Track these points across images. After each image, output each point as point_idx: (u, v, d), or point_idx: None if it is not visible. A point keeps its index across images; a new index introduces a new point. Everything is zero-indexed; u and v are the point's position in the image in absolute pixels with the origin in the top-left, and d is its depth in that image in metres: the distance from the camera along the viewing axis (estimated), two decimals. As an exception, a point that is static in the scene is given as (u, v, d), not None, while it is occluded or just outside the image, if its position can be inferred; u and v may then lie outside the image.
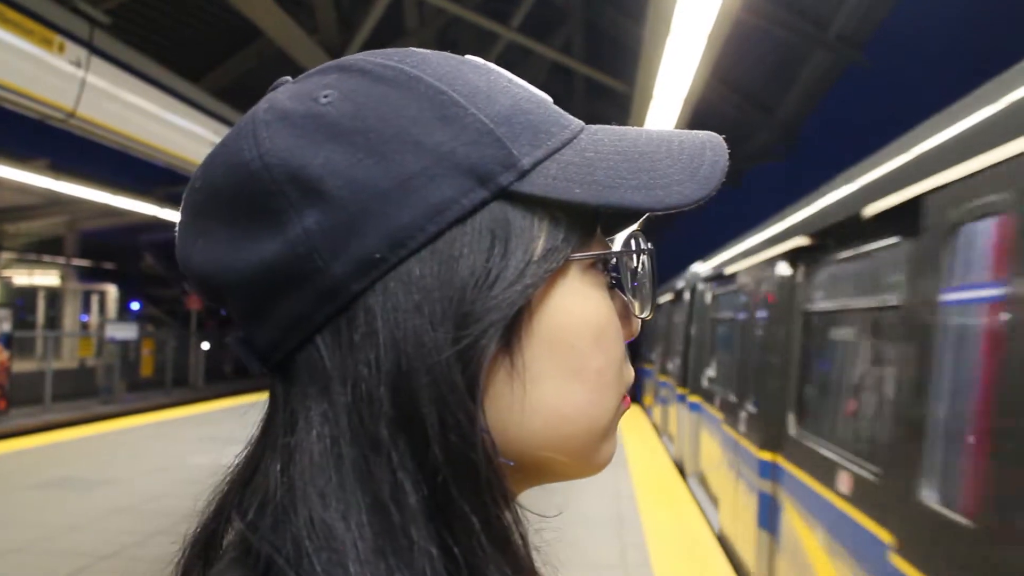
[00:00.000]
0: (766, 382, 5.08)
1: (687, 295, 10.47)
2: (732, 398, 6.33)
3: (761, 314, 5.46)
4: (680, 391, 10.14)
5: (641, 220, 0.57)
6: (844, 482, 3.50)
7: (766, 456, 4.86)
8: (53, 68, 7.03)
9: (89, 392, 16.58)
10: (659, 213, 0.49)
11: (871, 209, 3.40)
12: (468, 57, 0.53)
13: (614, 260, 0.54)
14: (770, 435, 4.85)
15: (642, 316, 0.55)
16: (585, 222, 0.50)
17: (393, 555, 0.41)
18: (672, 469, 9.65)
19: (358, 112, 0.46)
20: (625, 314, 0.54)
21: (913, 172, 3.04)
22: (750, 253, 6.26)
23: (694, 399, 8.85)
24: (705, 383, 8.35)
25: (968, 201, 2.54)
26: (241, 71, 11.26)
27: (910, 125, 3.37)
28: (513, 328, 0.46)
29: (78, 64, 7.27)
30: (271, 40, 8.91)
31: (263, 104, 0.49)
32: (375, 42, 9.47)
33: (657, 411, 14.46)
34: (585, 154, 0.49)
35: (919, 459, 2.68)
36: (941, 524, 2.51)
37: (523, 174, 0.46)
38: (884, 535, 2.91)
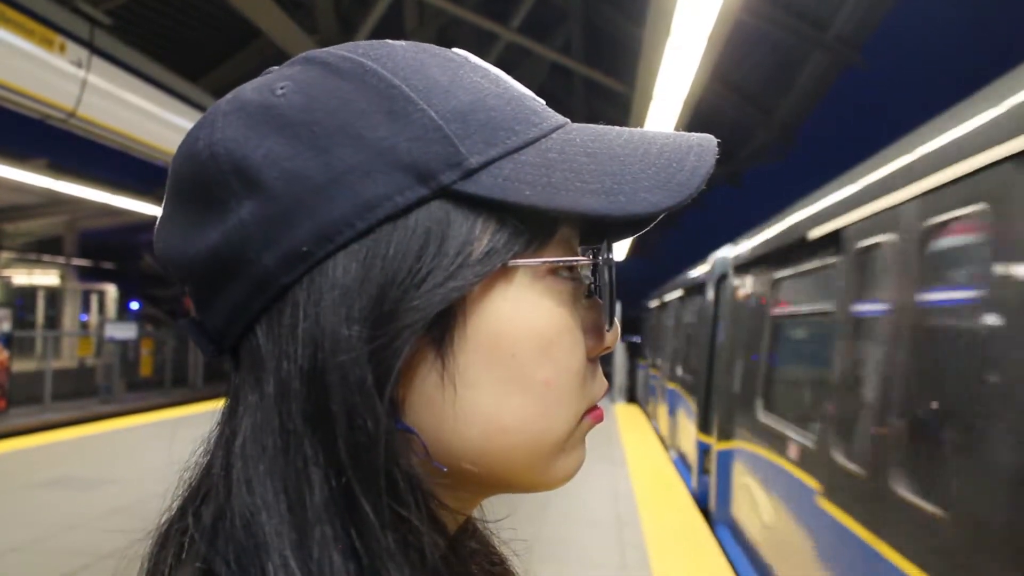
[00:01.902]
0: None
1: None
2: None
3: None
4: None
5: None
6: None
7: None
8: (54, 68, 7.03)
9: (88, 392, 16.56)
10: (619, 221, 0.46)
11: None
12: (454, 50, 0.52)
13: (591, 270, 0.52)
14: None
15: (606, 328, 0.52)
16: (541, 227, 0.47)
17: (305, 551, 0.41)
18: (671, 468, 9.65)
19: (308, 104, 0.45)
20: (598, 324, 0.52)
21: None
22: None
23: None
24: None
25: None
26: (241, 71, 11.28)
27: (908, 126, 3.37)
28: (446, 330, 0.45)
29: (79, 64, 7.28)
30: (271, 40, 8.92)
31: (230, 95, 0.49)
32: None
33: None
34: (548, 155, 0.47)
35: None
36: None
37: (469, 173, 0.45)
38: None
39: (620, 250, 25.94)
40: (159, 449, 9.93)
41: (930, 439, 2.72)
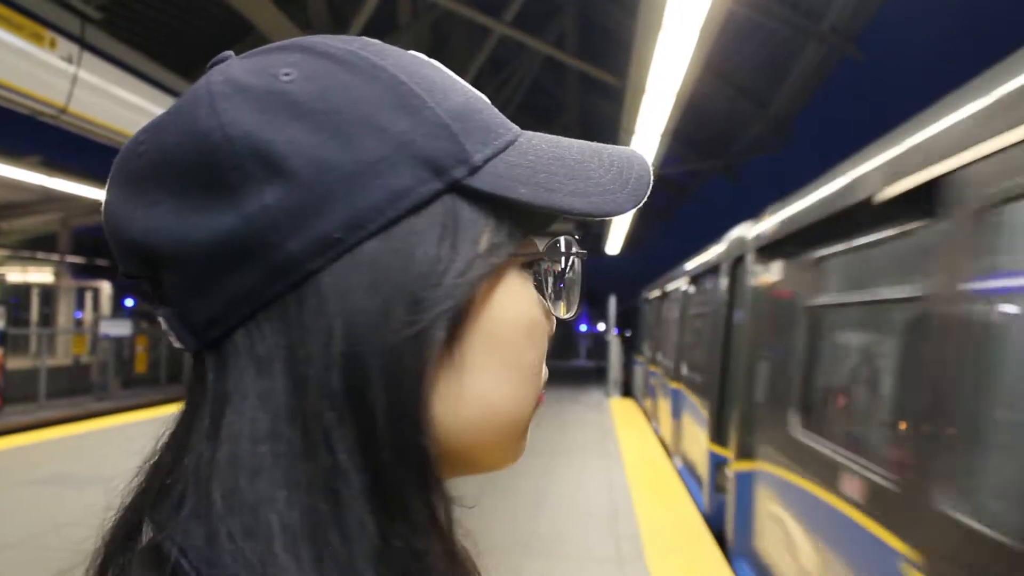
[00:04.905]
0: None
1: None
2: None
3: None
4: None
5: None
6: None
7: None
8: (45, 64, 7.00)
9: (83, 389, 16.54)
10: (595, 219, 0.52)
11: None
12: (417, 54, 0.54)
13: (543, 262, 0.57)
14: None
15: (566, 317, 0.58)
16: (522, 222, 0.51)
17: (326, 537, 0.42)
18: (665, 460, 9.66)
19: (322, 93, 0.46)
20: (548, 314, 0.57)
21: None
22: None
23: None
24: None
25: None
26: (234, 66, 11.22)
27: (903, 117, 3.35)
28: (456, 319, 0.47)
29: (70, 60, 7.24)
30: (263, 35, 8.88)
31: (217, 76, 0.48)
32: (368, 36, 9.44)
33: None
34: (527, 157, 0.51)
35: None
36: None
37: (474, 170, 0.48)
38: None
39: (614, 246, 24.63)
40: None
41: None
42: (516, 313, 0.51)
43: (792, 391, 4.21)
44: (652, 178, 0.55)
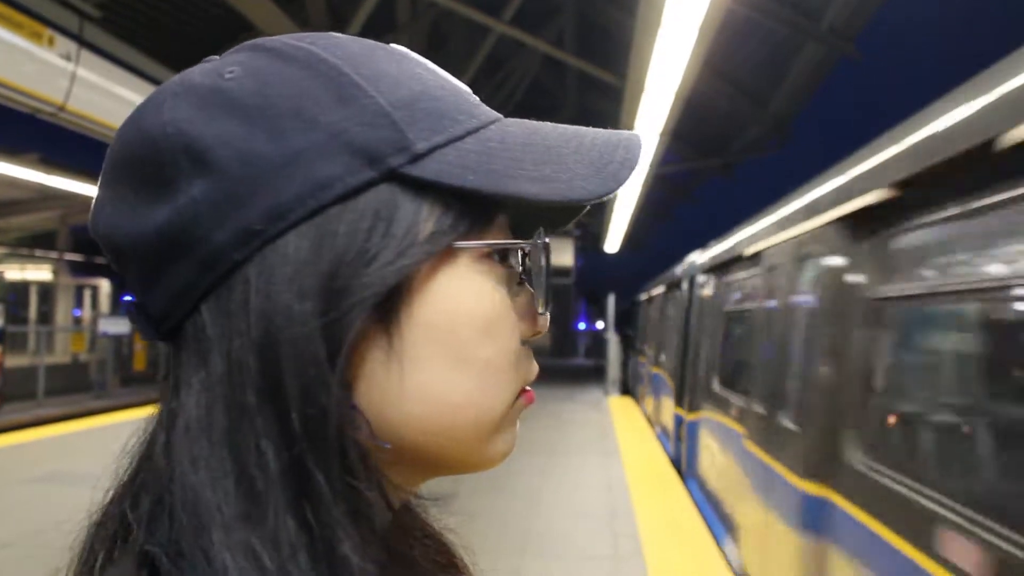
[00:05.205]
0: None
1: None
2: None
3: None
4: None
5: (574, 219, 0.59)
6: None
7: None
8: (43, 62, 7.01)
9: (82, 387, 16.52)
10: (558, 206, 0.50)
11: None
12: (391, 45, 0.55)
13: (524, 254, 0.55)
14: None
15: (539, 312, 0.55)
16: (481, 211, 0.50)
17: (255, 521, 0.42)
18: (664, 457, 9.66)
19: (259, 88, 0.47)
20: (531, 310, 0.55)
21: None
22: None
23: None
24: None
25: None
26: (232, 64, 11.19)
27: (901, 117, 3.36)
28: (392, 309, 0.47)
29: (68, 58, 7.25)
30: (261, 33, 8.89)
31: (176, 78, 0.50)
32: (366, 36, 9.43)
33: None
34: (489, 143, 0.50)
35: None
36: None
37: (416, 158, 0.47)
38: None
39: (612, 244, 24.48)
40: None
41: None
42: (466, 305, 0.49)
43: (715, 363, 7.09)
44: (638, 161, 0.53)
